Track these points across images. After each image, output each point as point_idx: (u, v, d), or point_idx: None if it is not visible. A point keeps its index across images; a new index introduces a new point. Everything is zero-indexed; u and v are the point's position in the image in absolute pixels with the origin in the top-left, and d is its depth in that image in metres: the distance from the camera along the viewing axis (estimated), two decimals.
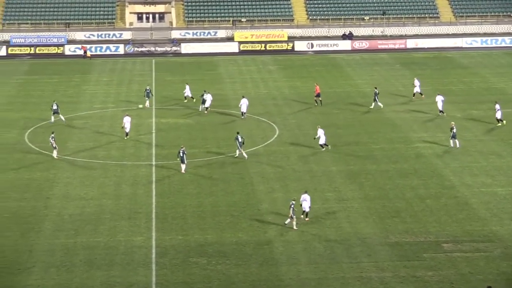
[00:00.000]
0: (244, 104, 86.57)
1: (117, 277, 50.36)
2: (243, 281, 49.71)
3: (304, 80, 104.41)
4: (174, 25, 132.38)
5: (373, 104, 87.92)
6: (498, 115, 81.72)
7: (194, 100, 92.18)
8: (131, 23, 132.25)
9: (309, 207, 58.67)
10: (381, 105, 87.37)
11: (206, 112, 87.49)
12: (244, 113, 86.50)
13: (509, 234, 56.24)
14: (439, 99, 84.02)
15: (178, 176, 68.69)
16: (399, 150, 75.19)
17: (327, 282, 49.51)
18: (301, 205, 58.93)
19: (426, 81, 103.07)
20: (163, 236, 56.32)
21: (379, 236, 56.07)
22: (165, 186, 66.32)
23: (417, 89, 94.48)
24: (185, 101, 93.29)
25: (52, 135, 73.19)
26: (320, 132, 74.19)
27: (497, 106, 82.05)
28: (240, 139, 71.42)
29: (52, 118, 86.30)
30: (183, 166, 67.62)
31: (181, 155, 67.41)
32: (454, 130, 74.84)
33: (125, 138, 79.23)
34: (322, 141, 74.24)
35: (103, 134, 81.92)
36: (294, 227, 55.36)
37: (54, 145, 72.45)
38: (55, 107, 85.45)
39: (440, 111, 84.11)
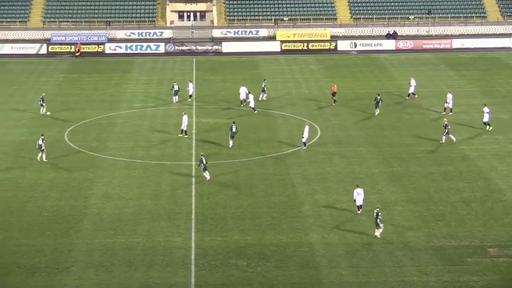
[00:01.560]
0: (243, 91, 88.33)
1: (156, 278, 50.57)
2: (283, 283, 49.70)
3: (347, 80, 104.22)
4: (215, 24, 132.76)
5: (376, 111, 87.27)
6: (486, 118, 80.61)
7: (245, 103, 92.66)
8: (172, 22, 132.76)
9: (363, 199, 59.54)
10: (376, 113, 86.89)
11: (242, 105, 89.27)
12: (244, 100, 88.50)
13: None
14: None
15: (218, 176, 68.63)
16: (444, 152, 74.72)
17: (369, 286, 49.40)
18: (354, 200, 59.52)
19: (472, 82, 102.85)
20: (202, 237, 56.45)
21: (423, 240, 55.79)
22: (205, 187, 66.41)
23: (411, 90, 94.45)
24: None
25: (42, 137, 72.89)
26: (306, 130, 74.92)
27: (486, 109, 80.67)
28: (234, 130, 71.11)
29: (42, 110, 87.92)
30: (206, 174, 67.07)
31: (204, 162, 66.76)
32: (448, 127, 75.54)
33: (180, 135, 79.96)
34: (304, 139, 75.03)
35: (143, 133, 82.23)
36: (378, 235, 54.93)
37: (42, 148, 72.06)
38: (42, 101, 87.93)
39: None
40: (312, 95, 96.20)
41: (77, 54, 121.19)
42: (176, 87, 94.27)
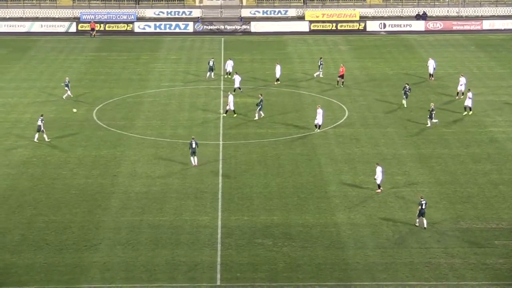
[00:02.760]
0: (229, 65, 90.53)
1: (182, 256, 50.86)
2: (308, 263, 49.89)
3: (376, 61, 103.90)
4: (244, 3, 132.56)
5: (404, 102, 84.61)
6: (469, 103, 79.92)
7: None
8: (201, 1, 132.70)
9: (381, 179, 59.93)
10: (405, 104, 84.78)
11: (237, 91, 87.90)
12: (230, 72, 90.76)
13: None
14: (469, 96, 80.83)
15: (245, 156, 68.92)
16: (472, 134, 74.43)
17: (395, 267, 49.50)
18: (375, 178, 59.84)
19: (502, 64, 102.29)
20: (229, 217, 56.74)
21: (449, 222, 55.82)
22: (231, 166, 66.62)
23: (431, 70, 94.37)
24: (277, 82, 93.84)
25: (41, 117, 72.87)
26: (319, 112, 74.17)
27: (470, 94, 79.89)
28: (193, 146, 66.96)
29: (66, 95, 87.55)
30: (194, 159, 66.55)
31: (193, 146, 66.24)
32: (433, 112, 75.27)
33: (224, 114, 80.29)
34: (318, 121, 74.51)
35: (171, 112, 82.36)
36: (417, 224, 54.65)
37: (41, 129, 72.06)
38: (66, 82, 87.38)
39: (466, 107, 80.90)
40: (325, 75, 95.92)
41: (92, 33, 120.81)
42: (211, 63, 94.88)
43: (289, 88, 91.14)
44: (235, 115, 79.42)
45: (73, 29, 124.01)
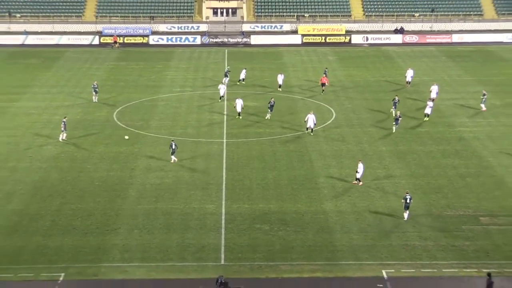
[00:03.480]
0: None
1: (191, 239, 51.06)
2: (301, 245, 50.10)
3: (359, 69, 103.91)
4: (245, 19, 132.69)
5: (393, 111, 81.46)
6: (428, 111, 79.16)
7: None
8: (207, 17, 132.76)
9: (361, 174, 60.16)
10: (393, 114, 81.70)
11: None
12: (243, 79, 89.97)
13: None
14: (429, 104, 80.00)
15: (245, 152, 69.02)
16: (443, 133, 74.63)
17: (375, 248, 49.77)
18: (357, 171, 60.20)
19: (469, 72, 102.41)
20: (231, 205, 56.92)
21: (423, 209, 56.03)
22: (234, 161, 66.72)
23: (408, 78, 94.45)
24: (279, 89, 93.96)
25: (64, 119, 73.07)
26: (311, 118, 73.56)
27: (430, 103, 79.33)
28: (173, 147, 66.24)
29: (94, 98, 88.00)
30: (173, 157, 66.13)
31: (173, 147, 65.80)
32: (399, 119, 74.28)
33: (238, 117, 79.80)
34: (309, 124, 73.81)
35: (181, 114, 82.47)
36: (405, 219, 54.09)
37: (63, 129, 72.10)
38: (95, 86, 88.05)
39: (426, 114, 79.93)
40: (329, 82, 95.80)
41: (114, 45, 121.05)
42: (226, 69, 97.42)
43: (285, 93, 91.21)
44: (240, 117, 79.37)
45: (96, 41, 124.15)
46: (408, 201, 53.41)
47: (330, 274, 46.59)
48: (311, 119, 73.41)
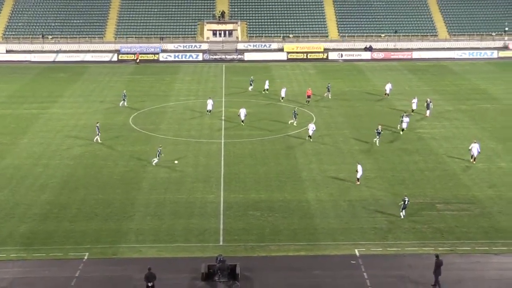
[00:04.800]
0: (209, 103, 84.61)
1: (194, 224, 51.13)
2: (287, 229, 50.17)
3: (336, 81, 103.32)
4: (240, 39, 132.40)
5: (376, 141, 72.80)
6: (404, 125, 75.15)
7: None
8: (207, 38, 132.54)
9: (361, 175, 59.54)
10: (377, 143, 71.76)
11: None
12: (210, 110, 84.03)
13: (486, 198, 56.36)
14: (405, 120, 75.25)
15: (240, 151, 68.97)
16: (406, 134, 74.54)
17: (349, 231, 49.92)
18: (356, 171, 59.52)
19: (427, 83, 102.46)
20: (228, 195, 56.86)
21: (389, 198, 56.16)
22: (230, 158, 66.57)
23: (387, 91, 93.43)
24: (266, 92, 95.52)
25: (97, 124, 72.85)
26: (311, 127, 72.42)
27: (406, 119, 75.26)
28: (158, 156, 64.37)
29: (122, 103, 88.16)
30: (155, 160, 64.43)
31: (159, 153, 64.33)
32: (380, 133, 71.13)
33: (242, 124, 78.54)
34: (310, 133, 72.17)
35: (186, 119, 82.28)
36: (402, 217, 52.60)
37: (98, 132, 71.72)
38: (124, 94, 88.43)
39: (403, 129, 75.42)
40: (257, 92, 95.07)
41: (137, 61, 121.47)
42: (252, 78, 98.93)
43: (273, 101, 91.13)
44: (243, 124, 78.35)
45: (115, 58, 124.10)
46: (406, 202, 52.49)
47: (312, 253, 46.70)
48: (311, 128, 72.43)
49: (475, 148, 64.95)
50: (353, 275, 43.73)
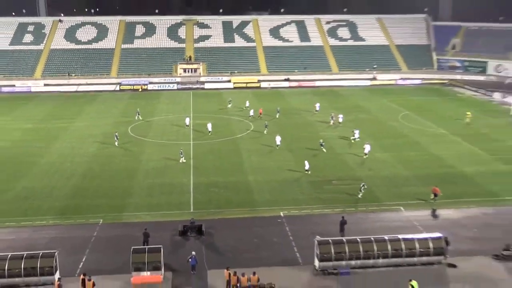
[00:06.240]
0: (187, 120, 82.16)
1: (173, 199, 51.34)
2: (236, 201, 50.70)
3: (266, 102, 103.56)
4: (201, 74, 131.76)
5: (323, 149, 67.04)
6: (366, 150, 65.31)
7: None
8: (180, 73, 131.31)
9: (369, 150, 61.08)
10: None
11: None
12: (188, 125, 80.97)
13: (365, 176, 56.98)
14: (367, 146, 65.85)
15: (203, 149, 68.75)
16: (312, 137, 75.05)
17: (277, 200, 50.59)
18: (306, 166, 58.01)
19: (326, 102, 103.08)
20: (196, 179, 56.97)
21: (305, 178, 56.87)
22: (197, 154, 66.40)
23: (317, 108, 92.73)
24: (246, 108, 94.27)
25: (116, 133, 72.33)
26: (278, 138, 69.50)
27: (368, 147, 65.76)
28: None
29: (137, 117, 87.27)
30: (182, 158, 62.91)
31: (181, 152, 63.29)
32: (323, 144, 67.28)
33: (209, 134, 75.84)
34: (278, 142, 69.13)
35: (168, 128, 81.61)
36: (360, 196, 50.94)
37: (116, 140, 70.89)
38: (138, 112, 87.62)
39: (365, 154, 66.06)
40: (239, 110, 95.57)
41: (140, 90, 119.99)
42: (229, 100, 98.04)
43: (224, 115, 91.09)
44: (210, 134, 76.19)
45: (117, 88, 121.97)
46: (365, 186, 51.38)
47: (252, 215, 47.23)
48: (278, 139, 69.29)
49: (367, 147, 64.94)
50: (279, 229, 44.46)
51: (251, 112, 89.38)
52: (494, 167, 60.24)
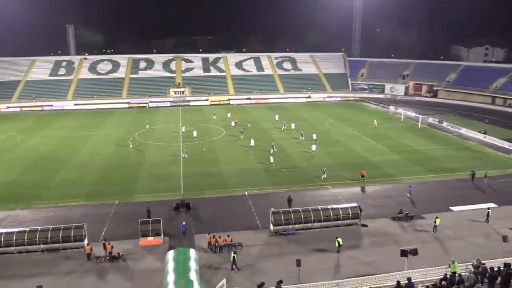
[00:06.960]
0: (183, 128, 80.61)
1: (169, 184, 50.85)
2: (215, 184, 50.59)
3: (236, 114, 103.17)
4: (188, 95, 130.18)
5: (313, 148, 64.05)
6: (313, 148, 62.94)
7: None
8: (172, 95, 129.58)
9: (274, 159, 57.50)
10: (313, 150, 63.07)
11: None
12: (183, 132, 78.57)
13: (305, 166, 57.12)
14: (314, 146, 63.50)
15: (190, 148, 67.83)
16: (268, 139, 74.59)
17: (243, 183, 50.55)
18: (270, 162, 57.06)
19: (277, 114, 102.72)
20: (185, 169, 56.48)
21: (263, 167, 56.52)
22: (188, 151, 65.50)
23: (276, 119, 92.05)
24: (228, 118, 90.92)
25: (130, 139, 70.82)
26: (252, 141, 68.12)
27: (314, 147, 62.92)
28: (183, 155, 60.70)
29: (147, 126, 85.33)
30: (184, 155, 61.50)
31: (185, 151, 62.48)
32: (275, 149, 63.18)
33: (194, 139, 73.02)
34: (252, 144, 67.35)
35: (164, 134, 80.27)
36: (323, 177, 49.22)
37: (130, 143, 69.40)
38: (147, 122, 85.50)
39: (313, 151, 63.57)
40: (223, 120, 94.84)
41: (146, 107, 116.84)
42: (228, 115, 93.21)
43: (205, 125, 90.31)
44: (195, 139, 74.36)
45: (127, 106, 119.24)
46: (326, 170, 49.60)
47: (225, 195, 47.30)
48: (252, 142, 67.60)
49: (314, 146, 63.98)
50: (245, 204, 44.80)
51: (233, 123, 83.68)
52: (390, 157, 61.93)
